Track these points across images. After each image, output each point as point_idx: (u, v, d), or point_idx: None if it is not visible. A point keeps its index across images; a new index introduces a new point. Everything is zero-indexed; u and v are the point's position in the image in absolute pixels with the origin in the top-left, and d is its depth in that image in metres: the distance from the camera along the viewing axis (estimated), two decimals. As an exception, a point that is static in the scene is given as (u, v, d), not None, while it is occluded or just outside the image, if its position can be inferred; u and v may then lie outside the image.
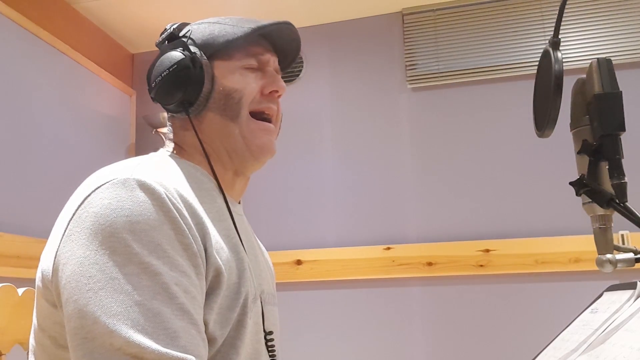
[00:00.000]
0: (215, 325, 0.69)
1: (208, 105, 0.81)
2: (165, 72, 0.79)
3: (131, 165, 0.72)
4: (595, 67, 0.69)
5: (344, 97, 2.49)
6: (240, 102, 0.82)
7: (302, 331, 2.32)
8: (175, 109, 0.82)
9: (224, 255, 0.72)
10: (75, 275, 0.62)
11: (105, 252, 0.62)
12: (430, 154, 2.36)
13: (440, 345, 2.19)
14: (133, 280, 0.61)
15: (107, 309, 0.60)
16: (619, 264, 0.65)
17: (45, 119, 2.10)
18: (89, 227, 0.64)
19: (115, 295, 0.60)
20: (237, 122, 0.82)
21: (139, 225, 0.64)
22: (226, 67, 0.82)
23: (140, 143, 2.65)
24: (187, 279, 0.65)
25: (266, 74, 0.85)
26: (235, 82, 0.82)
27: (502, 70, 2.32)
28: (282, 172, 2.46)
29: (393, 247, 2.28)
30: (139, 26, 2.54)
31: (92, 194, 0.67)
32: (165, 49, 0.82)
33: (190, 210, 0.70)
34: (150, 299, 0.61)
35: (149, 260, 0.62)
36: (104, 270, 0.61)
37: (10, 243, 1.81)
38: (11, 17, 1.96)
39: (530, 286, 2.15)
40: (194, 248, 0.67)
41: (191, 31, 0.83)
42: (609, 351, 0.55)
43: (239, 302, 0.73)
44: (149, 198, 0.66)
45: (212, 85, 0.81)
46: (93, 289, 0.61)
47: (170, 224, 0.66)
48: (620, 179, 0.65)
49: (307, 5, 2.42)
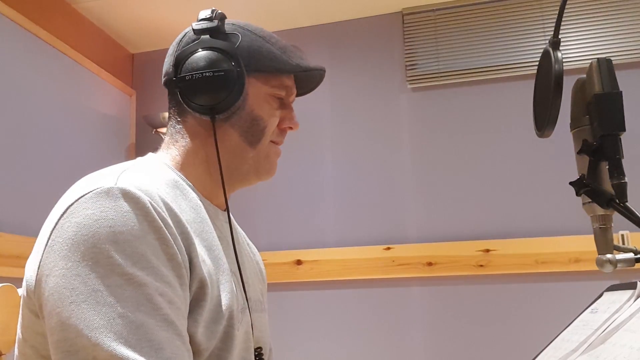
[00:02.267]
0: (201, 338, 0.69)
1: (232, 121, 0.81)
2: (208, 73, 0.77)
3: (117, 171, 0.71)
4: (595, 67, 0.69)
5: (344, 97, 2.49)
6: (263, 131, 0.83)
7: (302, 331, 2.32)
8: (200, 109, 0.79)
9: (205, 268, 0.72)
10: (58, 287, 0.62)
11: (87, 263, 0.61)
12: (430, 154, 2.36)
13: (440, 345, 2.19)
14: (116, 292, 0.60)
15: (90, 322, 0.59)
16: (619, 264, 0.65)
17: (45, 119, 2.10)
18: (71, 238, 0.63)
19: (98, 308, 0.59)
20: (255, 147, 0.83)
21: (122, 236, 0.63)
22: (259, 89, 0.82)
23: (140, 143, 2.65)
24: (172, 289, 0.64)
25: (287, 108, 0.86)
26: (262, 110, 0.82)
27: (502, 70, 2.32)
28: (282, 172, 2.45)
29: (393, 247, 2.28)
30: (139, 26, 2.54)
31: (75, 203, 0.66)
32: (209, 43, 0.79)
33: (175, 219, 0.69)
34: (134, 310, 0.60)
35: (132, 271, 0.61)
36: (86, 282, 0.61)
37: (10, 243, 1.81)
38: (11, 17, 1.96)
39: (530, 286, 2.15)
40: (179, 258, 0.66)
41: (240, 37, 0.81)
42: (609, 351, 0.55)
43: (224, 315, 0.72)
44: (132, 208, 0.65)
45: (243, 103, 0.80)
46: (75, 302, 0.60)
47: (155, 234, 0.65)
48: (620, 179, 0.65)
49: (307, 5, 2.42)
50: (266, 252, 2.38)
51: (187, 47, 0.80)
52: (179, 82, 0.79)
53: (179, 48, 0.82)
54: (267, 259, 2.38)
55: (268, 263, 2.38)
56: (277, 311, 2.34)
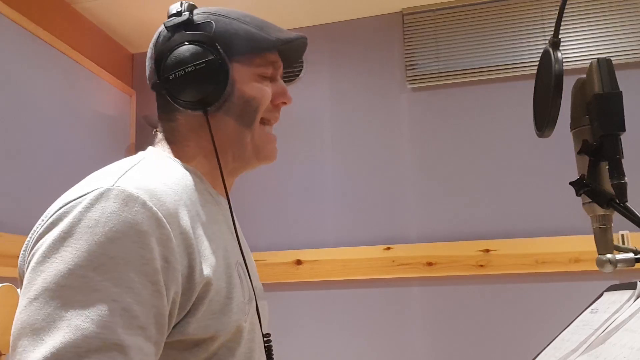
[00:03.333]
0: (198, 330, 0.68)
1: (224, 109, 0.80)
2: (190, 68, 0.76)
3: (117, 172, 0.70)
4: (595, 67, 0.69)
5: (343, 97, 2.49)
6: (257, 110, 0.82)
7: (301, 331, 2.32)
8: (191, 105, 0.79)
9: (212, 261, 0.71)
10: (26, 281, 0.62)
11: (55, 259, 0.61)
12: (430, 154, 2.36)
13: (440, 345, 2.19)
14: (66, 294, 0.59)
15: (34, 322, 0.58)
16: (619, 264, 0.65)
17: (44, 119, 2.10)
18: (58, 234, 0.63)
19: (44, 308, 0.58)
20: (250, 129, 0.82)
21: (96, 237, 0.61)
22: (245, 72, 0.81)
23: (140, 143, 2.65)
24: (133, 295, 0.61)
25: (277, 83, 0.86)
26: (253, 90, 0.81)
27: (502, 70, 2.32)
28: (282, 172, 2.46)
29: (393, 247, 2.28)
30: (139, 26, 2.54)
31: (73, 202, 0.65)
32: (183, 37, 0.78)
33: (174, 220, 0.67)
34: (78, 315, 0.58)
35: (92, 275, 0.60)
36: (45, 279, 0.60)
37: (10, 243, 1.81)
38: (11, 17, 1.96)
39: (530, 286, 2.15)
40: (156, 264, 0.63)
41: (213, 25, 0.80)
42: (609, 351, 0.55)
43: (232, 307, 0.72)
44: (118, 209, 0.63)
45: (231, 89, 0.80)
46: (29, 297, 0.60)
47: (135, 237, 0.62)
48: (620, 179, 0.66)
49: (307, 5, 2.42)
50: (266, 252, 2.38)
51: (163, 47, 0.79)
52: (164, 84, 0.78)
53: (157, 49, 0.81)
54: (267, 259, 2.38)
55: (268, 263, 2.38)
56: (277, 311, 2.34)
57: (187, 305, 0.67)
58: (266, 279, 2.31)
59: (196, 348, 0.69)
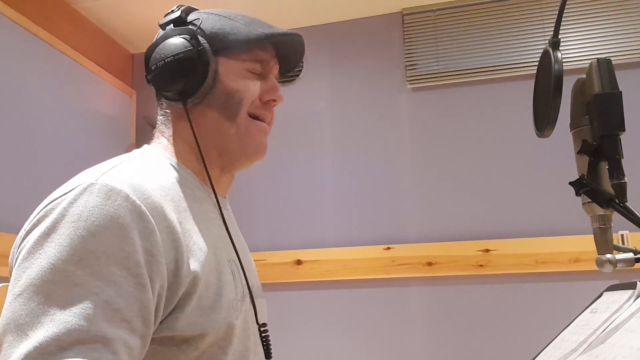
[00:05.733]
0: (187, 326, 0.68)
1: (206, 101, 0.81)
2: (169, 59, 0.78)
3: (105, 167, 0.71)
4: (595, 67, 0.69)
5: (344, 97, 2.49)
6: (240, 103, 0.82)
7: (301, 331, 2.32)
8: (172, 97, 0.81)
9: (201, 257, 0.71)
10: (13, 276, 0.63)
11: (38, 254, 0.62)
12: (430, 154, 2.36)
13: (440, 345, 2.19)
14: (49, 288, 0.59)
15: (18, 317, 0.58)
16: (618, 264, 0.65)
17: (45, 119, 2.10)
18: (43, 231, 0.64)
19: (28, 303, 0.59)
20: (234, 122, 0.82)
21: (79, 231, 0.62)
22: (231, 66, 0.82)
23: (140, 143, 2.63)
24: (115, 288, 0.61)
25: (268, 81, 0.85)
26: (237, 84, 0.81)
27: (502, 70, 2.32)
28: (282, 171, 2.46)
29: (393, 247, 2.28)
30: (139, 26, 2.54)
31: (60, 199, 0.66)
32: (171, 33, 0.80)
33: (160, 215, 0.68)
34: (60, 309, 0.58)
35: (73, 269, 0.60)
36: (29, 275, 0.61)
37: (10, 243, 1.79)
38: (11, 17, 1.96)
39: (530, 286, 2.15)
40: (137, 257, 0.63)
41: (201, 20, 0.82)
42: (609, 351, 0.55)
43: (222, 303, 0.72)
44: (100, 203, 0.64)
45: (214, 82, 0.80)
46: (14, 294, 0.61)
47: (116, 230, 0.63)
48: (620, 179, 0.65)
49: (307, 6, 2.42)
50: (266, 252, 2.38)
51: (154, 42, 0.82)
52: (150, 76, 0.81)
53: (150, 45, 0.83)
54: (267, 259, 2.38)
55: (268, 263, 2.38)
56: (277, 311, 2.34)
57: (174, 299, 0.67)
58: (266, 278, 2.30)
59: (185, 345, 0.69)
